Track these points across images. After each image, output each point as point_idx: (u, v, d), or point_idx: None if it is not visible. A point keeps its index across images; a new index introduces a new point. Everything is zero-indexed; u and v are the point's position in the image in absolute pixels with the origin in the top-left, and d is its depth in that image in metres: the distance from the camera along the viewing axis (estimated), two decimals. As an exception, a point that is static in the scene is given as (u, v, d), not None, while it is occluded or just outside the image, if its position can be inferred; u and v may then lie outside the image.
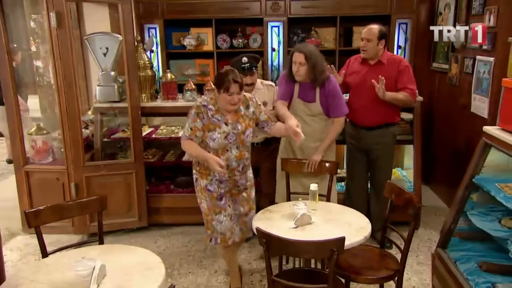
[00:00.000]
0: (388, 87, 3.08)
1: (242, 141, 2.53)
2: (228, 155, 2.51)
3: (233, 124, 2.50)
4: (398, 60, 3.23)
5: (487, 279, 2.27)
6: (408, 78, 3.18)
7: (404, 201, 2.35)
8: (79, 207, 2.23)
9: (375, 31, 3.13)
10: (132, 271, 1.76)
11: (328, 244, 1.83)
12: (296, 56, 2.85)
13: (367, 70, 3.24)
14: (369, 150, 3.36)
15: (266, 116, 2.65)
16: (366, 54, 3.21)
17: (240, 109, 2.54)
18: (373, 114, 3.22)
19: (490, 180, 2.43)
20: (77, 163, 3.46)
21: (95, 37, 3.60)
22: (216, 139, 2.46)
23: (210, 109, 2.48)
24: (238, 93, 2.41)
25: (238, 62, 3.14)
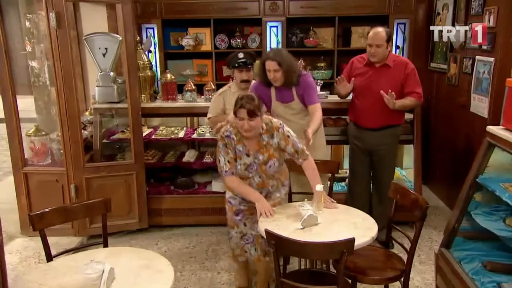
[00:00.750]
0: (394, 90, 3.09)
1: (264, 171, 2.48)
2: (250, 181, 2.51)
3: (254, 154, 2.45)
4: (405, 63, 3.21)
5: (493, 279, 2.28)
6: (415, 82, 3.19)
7: (410, 202, 2.36)
8: (84, 209, 2.20)
9: (383, 34, 3.09)
10: (140, 274, 1.74)
11: (338, 246, 1.83)
12: (270, 65, 2.84)
13: (372, 73, 3.23)
14: (372, 150, 3.37)
15: (293, 150, 2.45)
16: (376, 59, 3.17)
17: (263, 138, 2.45)
18: (377, 116, 3.22)
19: (494, 180, 2.44)
20: (77, 164, 3.42)
21: (94, 37, 3.56)
22: (237, 169, 2.46)
23: (232, 139, 2.46)
24: (248, 119, 2.31)
25: (234, 58, 3.16)
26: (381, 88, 3.12)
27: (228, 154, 2.44)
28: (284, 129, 2.47)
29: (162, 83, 3.93)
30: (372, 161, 3.40)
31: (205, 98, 3.86)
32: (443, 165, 4.44)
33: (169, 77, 3.90)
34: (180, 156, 4.12)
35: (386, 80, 3.17)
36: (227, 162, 2.44)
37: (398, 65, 3.18)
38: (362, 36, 5.01)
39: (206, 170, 4.19)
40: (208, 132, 4.02)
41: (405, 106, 3.20)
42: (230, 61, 3.21)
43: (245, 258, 2.52)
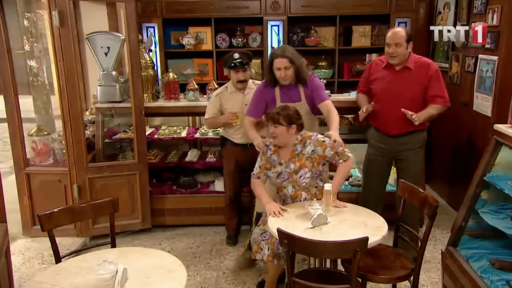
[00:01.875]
0: (417, 93, 2.96)
1: (295, 181, 2.54)
2: (284, 192, 2.60)
3: (286, 163, 2.56)
4: (427, 65, 2.98)
5: (502, 277, 2.28)
6: (439, 85, 2.98)
7: (419, 201, 2.36)
8: (92, 209, 2.18)
9: (403, 33, 2.90)
10: (153, 274, 1.73)
11: (351, 245, 1.82)
12: (281, 62, 2.76)
13: (392, 77, 3.03)
14: (396, 157, 3.19)
15: (333, 152, 2.51)
16: (397, 60, 2.96)
17: (296, 148, 2.55)
18: (400, 122, 2.99)
19: (501, 178, 2.44)
20: (80, 164, 3.39)
21: (96, 36, 3.53)
22: (271, 177, 2.61)
23: (270, 148, 2.64)
24: (275, 126, 2.48)
25: (230, 58, 3.14)
26: (403, 93, 2.97)
27: (261, 160, 2.65)
28: (317, 136, 2.58)
29: (164, 82, 3.90)
30: (396, 167, 3.26)
31: (208, 98, 3.83)
32: (445, 163, 4.45)
33: (171, 76, 3.87)
34: (183, 156, 4.10)
35: (408, 84, 2.97)
36: (258, 167, 2.65)
37: (419, 66, 2.96)
38: (363, 35, 5.02)
39: (209, 169, 4.17)
40: (211, 131, 4.00)
41: (432, 116, 2.98)
42: (226, 61, 3.19)
43: (261, 256, 2.50)
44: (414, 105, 2.98)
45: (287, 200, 2.61)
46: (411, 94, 2.97)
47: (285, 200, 2.62)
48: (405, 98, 2.96)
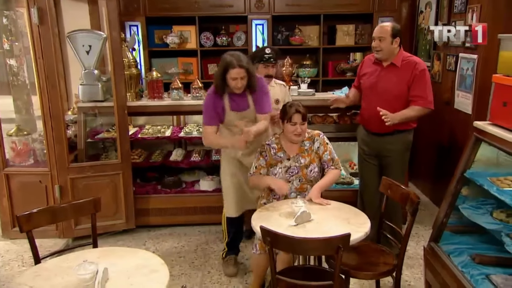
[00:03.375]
0: (401, 92, 2.92)
1: (305, 175, 2.60)
2: (289, 185, 2.60)
3: (295, 157, 2.61)
4: (414, 63, 2.92)
5: (481, 271, 2.32)
6: (423, 86, 2.91)
7: (401, 197, 2.38)
8: (73, 210, 2.14)
9: (388, 28, 2.88)
10: (135, 274, 1.71)
11: (334, 241, 1.83)
12: (237, 73, 2.61)
13: (378, 73, 3.02)
14: (379, 156, 3.18)
15: (330, 157, 2.63)
16: (381, 54, 2.94)
17: (304, 143, 2.63)
18: (381, 120, 2.87)
19: (481, 174, 2.49)
20: (61, 164, 3.33)
21: (77, 34, 3.48)
22: (277, 174, 2.61)
23: (273, 147, 2.65)
24: (302, 123, 2.53)
25: (261, 52, 3.10)
26: (387, 90, 2.95)
27: (258, 160, 2.65)
28: (324, 136, 2.68)
29: (148, 81, 3.87)
30: (380, 166, 3.21)
31: (192, 96, 3.81)
32: (428, 161, 4.51)
33: (155, 75, 3.84)
34: (167, 155, 4.07)
35: (393, 81, 2.94)
36: (255, 166, 2.66)
37: (406, 65, 2.91)
38: (347, 34, 5.06)
39: (194, 169, 4.16)
40: (195, 130, 3.98)
41: (409, 117, 2.91)
42: (256, 55, 3.13)
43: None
44: (398, 103, 2.95)
45: (291, 194, 2.62)
46: (396, 91, 2.94)
47: (289, 194, 2.61)
48: (390, 96, 2.94)
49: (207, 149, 4.17)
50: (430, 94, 2.96)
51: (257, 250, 2.56)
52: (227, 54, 2.70)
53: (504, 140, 2.21)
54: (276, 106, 3.19)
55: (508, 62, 2.30)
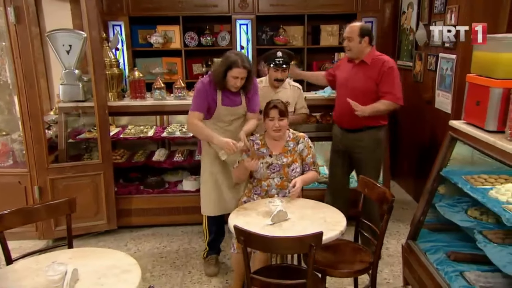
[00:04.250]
0: (369, 88, 2.98)
1: (286, 173, 2.62)
2: (269, 182, 2.63)
3: (277, 156, 2.64)
4: (382, 61, 2.99)
5: (456, 268, 2.35)
6: (391, 82, 2.97)
7: (377, 195, 2.40)
8: (47, 210, 2.12)
9: (356, 28, 2.98)
10: (106, 275, 1.70)
11: (306, 240, 1.84)
12: (241, 73, 2.67)
13: (350, 70, 3.11)
14: (350, 152, 3.22)
15: (312, 161, 2.67)
16: (351, 53, 3.06)
17: (288, 144, 2.67)
18: (352, 116, 2.96)
19: (456, 172, 2.53)
20: (41, 165, 3.30)
21: (57, 34, 3.44)
22: (259, 169, 2.61)
23: (257, 143, 2.69)
24: (280, 119, 2.56)
25: (272, 55, 3.10)
26: (357, 86, 3.02)
27: (242, 155, 2.66)
28: (308, 140, 2.72)
29: (130, 81, 3.85)
30: (352, 163, 3.27)
31: (175, 96, 3.80)
32: (411, 160, 4.56)
33: (137, 74, 3.82)
34: (150, 155, 4.05)
35: (362, 78, 3.02)
36: (238, 161, 2.69)
37: (375, 62, 2.99)
38: (331, 34, 5.08)
39: (177, 169, 4.15)
40: (178, 130, 3.97)
41: (379, 110, 2.98)
42: (268, 58, 3.14)
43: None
44: (366, 99, 2.98)
45: (271, 191, 2.62)
46: (364, 88, 3.01)
47: (269, 190, 2.62)
48: (358, 92, 3.00)
49: (190, 149, 4.17)
50: (399, 90, 3.02)
51: (235, 249, 2.56)
52: (232, 53, 2.77)
53: (477, 139, 2.25)
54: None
55: (480, 62, 2.33)
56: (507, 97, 2.09)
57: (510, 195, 2.11)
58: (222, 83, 2.75)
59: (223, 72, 2.71)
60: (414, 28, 4.29)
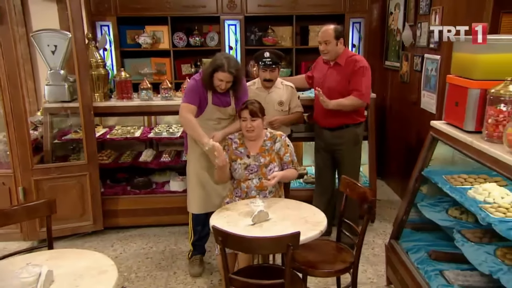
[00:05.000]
0: (344, 88, 3.07)
1: (264, 174, 2.60)
2: (248, 183, 2.62)
3: (255, 156, 2.62)
4: (354, 61, 3.10)
5: (436, 267, 2.38)
6: (359, 80, 3.06)
7: (358, 195, 2.41)
8: (26, 212, 2.11)
9: (331, 31, 3.08)
10: (82, 276, 1.69)
11: (283, 240, 1.84)
12: (226, 77, 2.70)
13: (326, 71, 3.22)
14: (332, 150, 3.33)
15: (290, 159, 2.66)
16: (328, 56, 3.14)
17: (265, 143, 2.65)
18: (330, 115, 3.15)
19: (437, 172, 2.55)
20: (25, 166, 3.29)
21: (42, 34, 3.44)
22: (237, 169, 2.62)
23: (235, 142, 2.69)
24: (252, 119, 2.54)
25: (260, 56, 3.14)
26: (333, 87, 3.11)
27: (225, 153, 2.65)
28: (286, 138, 2.69)
29: (116, 81, 3.84)
30: (334, 161, 3.38)
31: (162, 97, 3.80)
32: (398, 160, 4.58)
33: (123, 75, 3.81)
34: (137, 156, 4.05)
35: (337, 79, 3.13)
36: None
37: (348, 62, 3.10)
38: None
39: (165, 169, 4.14)
40: (165, 131, 3.97)
41: (344, 105, 3.05)
42: (256, 58, 3.19)
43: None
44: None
45: (251, 192, 2.62)
46: (339, 88, 3.09)
47: (249, 192, 2.62)
48: (335, 92, 3.08)
49: (177, 150, 4.16)
50: (366, 88, 3.08)
51: (218, 250, 2.56)
52: (221, 55, 2.79)
53: (456, 139, 2.27)
54: (279, 107, 3.24)
55: (459, 63, 2.35)
56: (485, 98, 2.11)
57: (487, 194, 2.13)
58: (209, 83, 2.78)
59: (210, 73, 2.74)
60: (401, 29, 4.32)
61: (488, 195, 2.12)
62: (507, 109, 1.97)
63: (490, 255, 1.99)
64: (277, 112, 3.24)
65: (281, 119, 3.23)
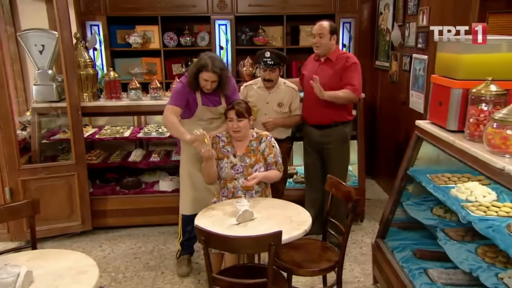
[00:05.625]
0: (336, 84, 3.09)
1: (249, 174, 2.59)
2: (235, 183, 2.61)
3: (241, 157, 2.62)
4: (346, 57, 3.16)
5: (420, 266, 2.39)
6: (352, 75, 3.10)
7: (343, 195, 2.42)
8: (9, 212, 2.10)
9: (326, 26, 3.12)
10: (63, 276, 1.69)
11: (265, 239, 1.85)
12: (210, 76, 2.71)
13: (317, 68, 3.23)
14: (320, 149, 3.35)
15: (274, 160, 2.64)
16: (320, 50, 3.18)
17: (251, 143, 2.65)
18: (319, 113, 3.18)
19: (422, 171, 2.57)
20: (12, 166, 3.27)
21: (29, 34, 3.43)
22: (223, 168, 2.62)
23: (222, 140, 2.68)
24: (238, 120, 2.54)
25: (261, 55, 3.16)
26: (324, 83, 3.07)
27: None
28: (271, 139, 2.68)
29: (105, 81, 3.83)
30: (322, 159, 3.39)
31: (151, 97, 3.80)
32: (388, 160, 4.60)
33: (112, 75, 3.81)
34: (127, 156, 4.04)
35: (328, 75, 3.13)
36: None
37: (340, 59, 3.14)
38: (310, 34, 5.07)
39: (155, 169, 4.14)
40: (154, 131, 3.96)
41: (337, 97, 3.08)
42: (257, 58, 3.21)
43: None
44: None
45: (238, 192, 2.62)
46: (331, 84, 3.09)
47: (235, 192, 2.62)
48: (326, 88, 3.05)
49: (167, 150, 4.16)
50: (358, 83, 3.13)
51: None
52: (205, 55, 2.78)
53: (439, 138, 2.28)
54: (278, 109, 3.24)
55: (443, 63, 2.37)
56: (467, 98, 2.12)
57: (469, 193, 2.15)
58: (195, 84, 2.78)
59: (195, 74, 2.75)
60: (390, 29, 4.34)
61: (470, 194, 2.14)
62: (487, 108, 1.99)
63: (472, 253, 2.01)
64: (276, 113, 3.25)
65: (275, 121, 3.25)
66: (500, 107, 1.95)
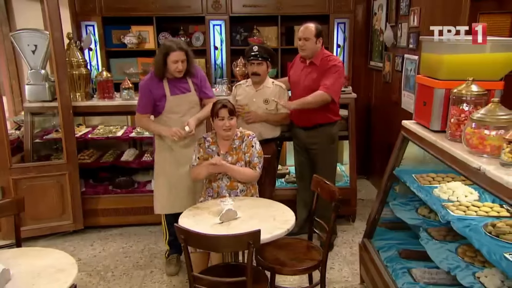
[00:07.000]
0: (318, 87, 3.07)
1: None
2: (219, 183, 2.64)
3: (224, 155, 2.64)
4: (328, 60, 3.15)
5: (405, 265, 2.39)
6: (328, 76, 3.08)
7: (328, 194, 2.43)
8: (-7, 210, 2.12)
9: (312, 29, 3.10)
10: (41, 274, 1.71)
11: (244, 237, 1.86)
12: (179, 55, 2.71)
13: (302, 70, 3.25)
14: (307, 149, 3.37)
15: (248, 160, 2.65)
16: (305, 52, 3.17)
17: (234, 142, 2.67)
18: (304, 114, 3.18)
19: (408, 171, 2.56)
20: (3, 165, 3.30)
21: (22, 34, 3.46)
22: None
23: (208, 140, 2.70)
24: (229, 118, 2.57)
25: (249, 50, 3.19)
26: (308, 86, 3.13)
27: (199, 152, 2.69)
28: (253, 139, 2.69)
29: (98, 81, 3.85)
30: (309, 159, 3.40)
31: (143, 97, 3.81)
32: (382, 160, 4.58)
33: (105, 75, 3.83)
34: (120, 156, 4.06)
35: (312, 78, 3.15)
36: (197, 158, 2.68)
37: (323, 62, 3.14)
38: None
39: (148, 169, 4.15)
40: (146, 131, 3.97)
41: (307, 103, 3.03)
42: (246, 53, 3.24)
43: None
44: None
45: (222, 192, 2.63)
46: (315, 87, 3.09)
47: (220, 191, 2.63)
48: (310, 91, 3.08)
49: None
50: (334, 84, 3.07)
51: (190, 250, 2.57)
52: (166, 41, 2.86)
53: (423, 138, 2.28)
54: (264, 106, 3.24)
55: (427, 63, 2.37)
56: (449, 98, 2.12)
57: (451, 193, 2.15)
58: (163, 71, 2.79)
59: (162, 59, 2.75)
60: (384, 29, 4.34)
61: (452, 194, 2.14)
62: (468, 109, 1.99)
63: (452, 252, 2.01)
64: (262, 111, 3.26)
65: (256, 114, 3.22)
66: (481, 107, 1.94)
